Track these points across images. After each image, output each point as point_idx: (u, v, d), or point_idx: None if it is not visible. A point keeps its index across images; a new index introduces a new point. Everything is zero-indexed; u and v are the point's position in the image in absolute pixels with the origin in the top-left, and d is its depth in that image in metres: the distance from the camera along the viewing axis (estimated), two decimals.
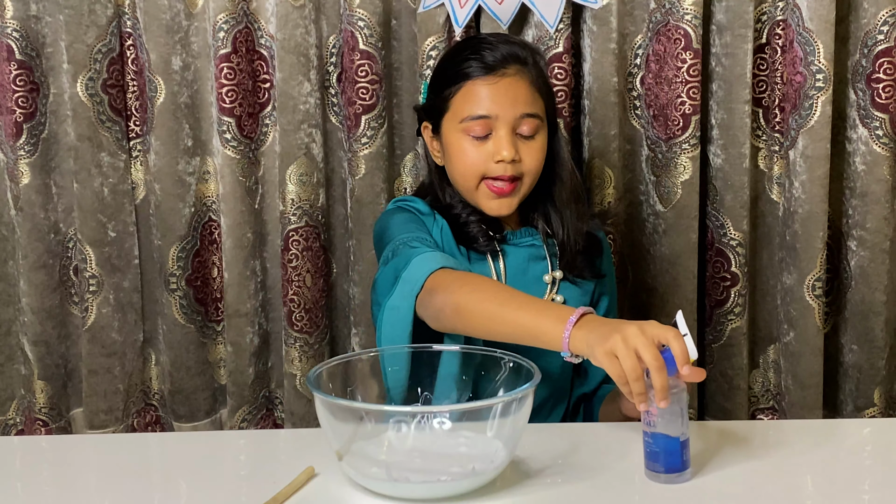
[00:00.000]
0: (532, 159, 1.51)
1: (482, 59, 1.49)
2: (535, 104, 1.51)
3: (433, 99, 1.55)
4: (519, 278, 1.55)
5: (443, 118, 1.53)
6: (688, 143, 1.87)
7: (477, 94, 1.49)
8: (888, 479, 1.23)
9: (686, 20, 1.83)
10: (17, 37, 1.90)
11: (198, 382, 2.00)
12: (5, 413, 2.04)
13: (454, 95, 1.51)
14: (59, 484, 1.27)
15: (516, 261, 1.55)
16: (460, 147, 1.51)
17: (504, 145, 1.48)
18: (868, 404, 1.97)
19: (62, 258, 2.00)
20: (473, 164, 1.50)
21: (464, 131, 1.50)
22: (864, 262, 1.92)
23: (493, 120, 1.48)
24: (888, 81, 1.86)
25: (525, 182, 1.52)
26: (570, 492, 1.19)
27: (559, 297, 1.55)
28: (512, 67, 1.49)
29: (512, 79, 1.49)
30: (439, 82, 1.54)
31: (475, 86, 1.49)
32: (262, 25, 1.92)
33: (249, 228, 1.94)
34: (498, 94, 1.48)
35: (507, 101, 1.48)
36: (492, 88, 1.48)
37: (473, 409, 1.21)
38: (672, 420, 1.18)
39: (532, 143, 1.51)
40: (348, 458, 1.19)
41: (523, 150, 1.50)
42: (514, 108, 1.48)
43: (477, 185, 1.51)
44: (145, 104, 1.93)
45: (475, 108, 1.49)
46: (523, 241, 1.57)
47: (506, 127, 1.48)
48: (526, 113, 1.49)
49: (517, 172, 1.50)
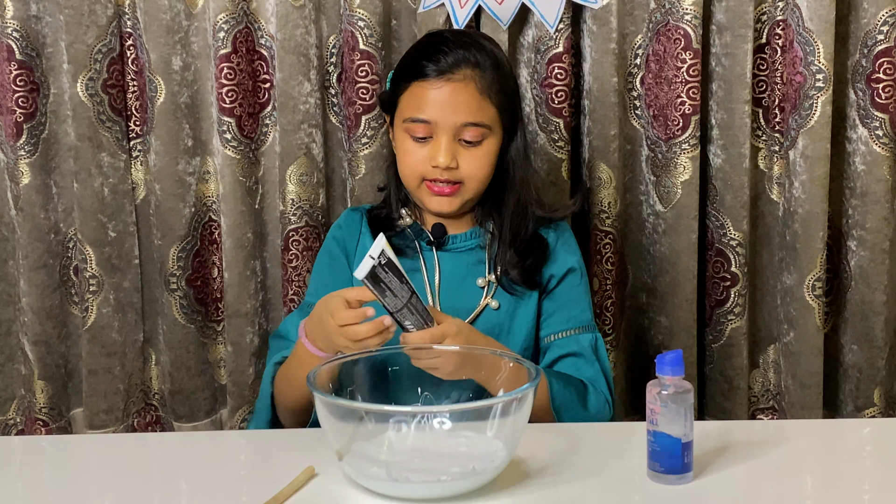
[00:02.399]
0: (472, 167, 1.49)
1: (435, 61, 1.48)
2: (480, 112, 1.48)
3: (392, 90, 1.56)
4: (454, 285, 1.54)
5: (394, 113, 1.54)
6: (688, 143, 1.87)
7: (421, 96, 1.48)
8: (888, 479, 1.23)
9: (686, 20, 1.83)
10: (18, 37, 1.90)
11: (198, 382, 2.00)
12: (5, 413, 2.04)
13: (403, 93, 1.51)
14: (59, 484, 1.27)
15: (455, 267, 1.55)
16: (403, 146, 1.52)
17: (440, 151, 1.47)
18: (868, 404, 1.97)
19: (62, 258, 2.00)
20: (413, 166, 1.50)
21: (406, 131, 1.50)
22: (864, 262, 1.92)
23: (433, 125, 1.48)
24: (888, 81, 1.86)
25: (468, 187, 1.51)
26: (570, 492, 1.19)
27: (494, 301, 1.54)
28: (461, 72, 1.47)
29: (458, 84, 1.47)
30: (397, 74, 1.55)
31: (421, 88, 1.48)
32: (262, 25, 1.92)
33: (249, 228, 1.94)
34: (441, 100, 1.47)
35: (449, 108, 1.47)
36: (436, 93, 1.47)
37: (473, 409, 1.21)
38: (674, 420, 1.18)
39: (475, 151, 1.49)
40: (348, 458, 1.19)
41: (464, 157, 1.49)
42: (455, 116, 1.47)
43: (418, 185, 1.52)
44: (145, 104, 1.93)
45: (417, 111, 1.48)
46: (466, 244, 1.56)
47: (446, 134, 1.48)
48: (468, 122, 1.47)
49: (454, 178, 1.49)
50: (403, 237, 1.56)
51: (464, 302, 1.53)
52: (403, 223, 1.58)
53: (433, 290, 1.53)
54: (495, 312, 1.54)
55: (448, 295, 1.54)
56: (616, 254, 1.94)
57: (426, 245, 1.56)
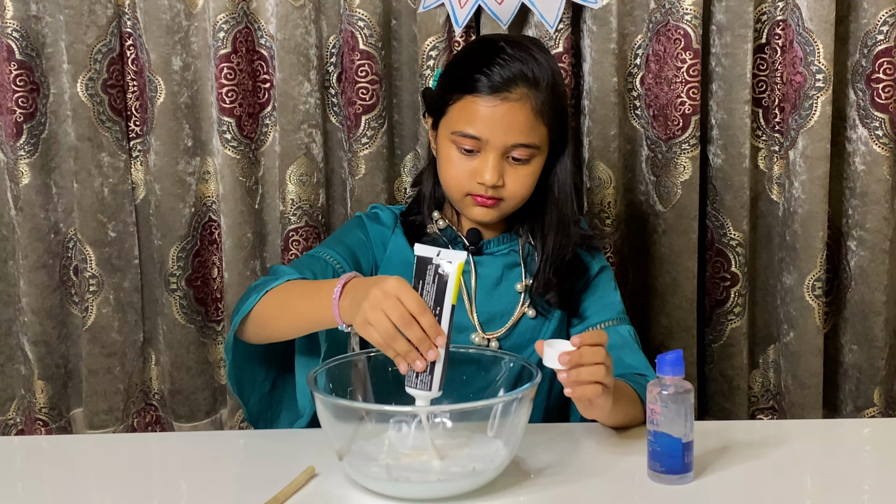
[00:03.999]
0: (517, 185, 1.47)
1: (490, 76, 1.43)
2: (532, 133, 1.45)
3: (439, 94, 1.51)
4: (491, 290, 1.52)
5: (441, 119, 1.51)
6: (688, 143, 1.87)
7: (474, 112, 1.44)
8: (888, 479, 1.23)
9: (686, 20, 1.83)
10: (18, 37, 1.90)
11: (198, 382, 2.00)
12: (5, 413, 2.04)
13: (455, 103, 1.47)
14: (59, 484, 1.28)
15: (491, 271, 1.53)
16: (448, 156, 1.48)
17: (488, 169, 1.44)
18: (868, 404, 1.97)
19: (62, 258, 2.00)
20: (458, 178, 1.47)
21: (454, 143, 1.47)
22: (864, 262, 1.92)
23: (482, 142, 1.44)
24: (888, 81, 1.86)
25: (508, 204, 1.49)
26: (570, 492, 1.19)
27: (531, 310, 1.52)
28: (517, 91, 1.43)
29: (514, 105, 1.43)
30: (447, 81, 1.51)
31: (474, 103, 1.44)
32: (262, 25, 1.92)
33: (249, 228, 1.94)
34: (494, 119, 1.43)
35: (502, 129, 1.43)
36: (490, 111, 1.43)
37: (473, 409, 1.21)
38: (675, 420, 1.18)
39: (521, 169, 1.47)
40: (348, 458, 1.19)
41: (510, 175, 1.46)
42: (506, 137, 1.44)
43: (461, 197, 1.49)
44: (145, 104, 1.93)
45: (468, 125, 1.44)
46: (500, 249, 1.55)
47: (495, 152, 1.44)
48: (519, 143, 1.44)
49: (499, 195, 1.47)
50: (435, 242, 1.52)
51: (500, 306, 1.52)
52: (436, 228, 1.55)
53: (469, 295, 1.51)
54: (532, 321, 1.52)
55: (484, 299, 1.52)
56: (616, 254, 1.94)
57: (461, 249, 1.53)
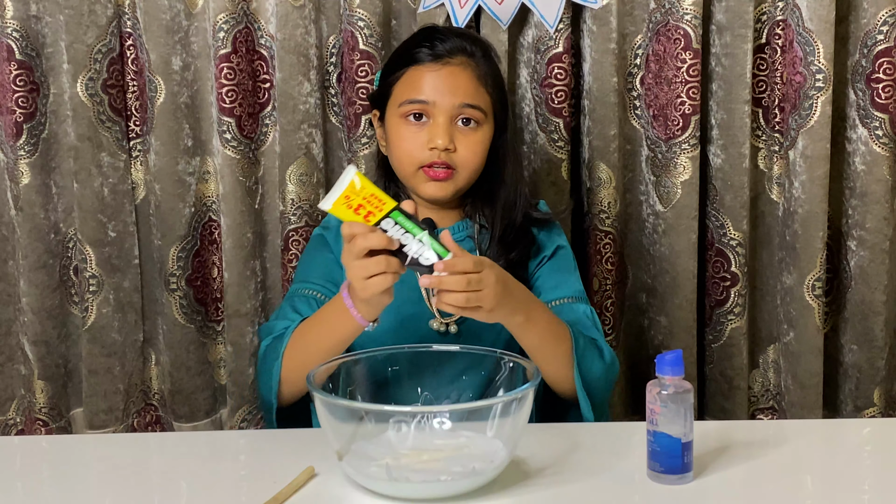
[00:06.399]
0: (468, 151, 1.50)
1: (431, 47, 1.51)
2: (477, 96, 1.50)
3: (381, 84, 1.57)
4: None
5: (387, 104, 1.54)
6: (687, 143, 1.87)
7: (418, 79, 1.50)
8: (888, 479, 1.23)
9: (686, 20, 1.83)
10: (17, 37, 1.90)
11: (198, 382, 2.00)
12: (5, 413, 2.04)
13: (398, 80, 1.52)
14: (59, 484, 1.28)
15: None
16: (399, 133, 1.51)
17: (439, 133, 1.48)
18: (868, 404, 1.97)
19: (62, 258, 2.00)
20: (410, 151, 1.50)
21: (402, 115, 1.50)
22: (864, 262, 1.92)
23: (430, 106, 1.49)
24: (888, 81, 1.86)
25: (461, 175, 1.51)
26: (570, 492, 1.19)
27: None
28: (458, 58, 1.51)
29: (456, 68, 1.50)
30: (388, 68, 1.56)
31: (418, 71, 1.50)
32: (262, 25, 1.92)
33: (249, 228, 1.94)
34: (439, 81, 1.49)
35: (447, 89, 1.49)
36: (433, 75, 1.49)
37: (473, 409, 1.21)
38: (674, 420, 1.18)
39: (471, 135, 1.50)
40: (348, 458, 1.19)
41: (461, 142, 1.49)
42: (453, 97, 1.49)
43: (414, 171, 1.51)
44: (145, 104, 1.93)
45: (414, 92, 1.50)
46: (457, 237, 1.56)
47: (444, 115, 1.48)
48: (466, 103, 1.49)
49: (451, 161, 1.49)
50: None
51: None
52: None
53: None
54: None
55: None
56: (616, 254, 1.94)
57: None
